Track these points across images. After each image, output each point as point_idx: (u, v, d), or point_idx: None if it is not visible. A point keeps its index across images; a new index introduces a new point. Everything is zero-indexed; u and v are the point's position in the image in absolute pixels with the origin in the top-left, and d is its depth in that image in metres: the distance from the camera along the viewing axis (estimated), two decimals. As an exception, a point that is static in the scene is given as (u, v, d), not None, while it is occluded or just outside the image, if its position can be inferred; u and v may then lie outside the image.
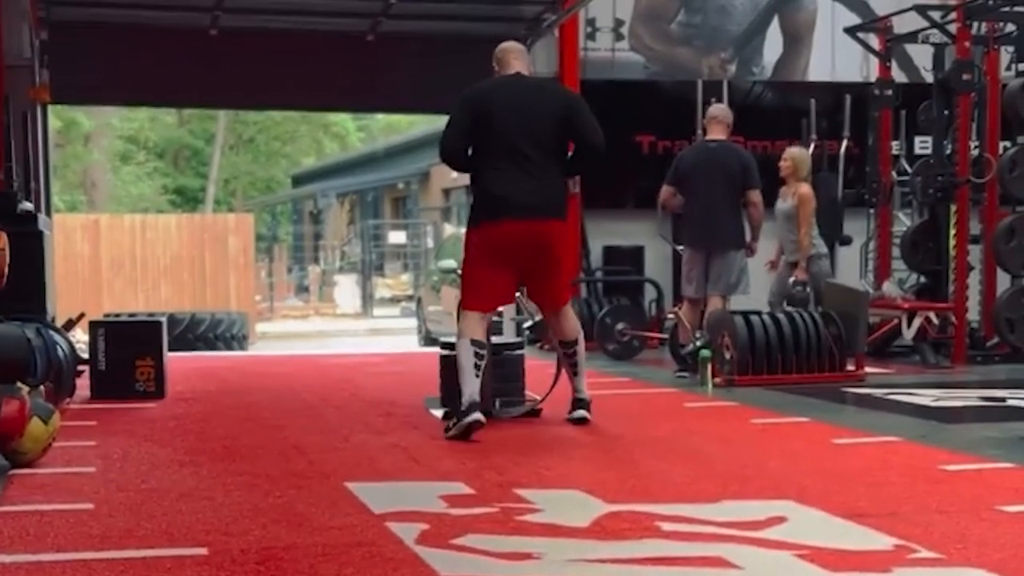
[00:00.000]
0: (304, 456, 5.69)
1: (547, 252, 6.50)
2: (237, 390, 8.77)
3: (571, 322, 6.78)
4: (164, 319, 9.18)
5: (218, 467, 5.38)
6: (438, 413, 6.90)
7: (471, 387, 6.26)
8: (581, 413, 6.65)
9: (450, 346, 7.31)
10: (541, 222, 6.41)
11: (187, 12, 11.03)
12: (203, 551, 3.84)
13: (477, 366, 6.35)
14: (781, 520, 4.24)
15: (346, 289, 30.53)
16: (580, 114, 6.55)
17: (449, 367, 6.94)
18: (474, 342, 6.40)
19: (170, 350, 8.53)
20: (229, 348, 16.79)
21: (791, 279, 9.56)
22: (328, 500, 4.61)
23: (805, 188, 9.74)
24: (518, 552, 3.81)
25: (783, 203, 9.85)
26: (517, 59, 6.66)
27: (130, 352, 7.95)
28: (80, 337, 10.57)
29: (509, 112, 6.39)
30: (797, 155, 9.99)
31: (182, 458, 5.65)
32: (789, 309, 9.26)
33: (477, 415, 6.09)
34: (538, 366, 8.00)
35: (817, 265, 9.81)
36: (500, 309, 7.46)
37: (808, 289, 9.62)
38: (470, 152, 6.53)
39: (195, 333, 16.76)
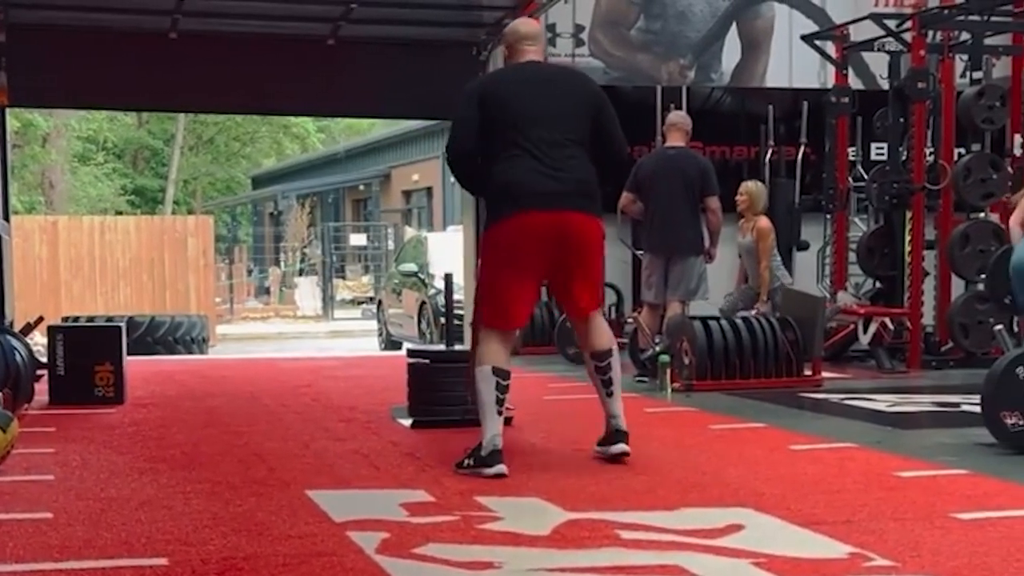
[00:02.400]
0: (264, 463, 5.70)
1: (576, 248, 5.50)
2: (197, 395, 8.75)
3: (602, 331, 5.67)
4: (123, 323, 9.15)
5: (178, 475, 5.38)
6: (406, 423, 6.87)
7: (493, 428, 5.25)
8: (621, 447, 5.56)
9: (418, 354, 7.31)
10: (568, 213, 5.43)
11: (146, 15, 10.97)
12: (163, 561, 3.84)
13: (500, 400, 5.31)
14: (739, 528, 4.29)
15: (306, 291, 30.45)
16: (606, 111, 5.70)
17: (417, 376, 6.91)
18: (497, 371, 5.33)
19: (129, 354, 8.51)
20: (189, 351, 16.72)
21: (752, 311, 9.61)
22: (288, 508, 4.62)
23: (764, 222, 9.84)
24: (479, 561, 3.84)
25: (742, 239, 9.99)
26: (532, 47, 5.75)
27: (89, 357, 7.93)
28: (39, 340, 10.52)
29: (524, 95, 5.51)
30: (753, 189, 10.08)
31: (142, 465, 5.64)
32: (745, 314, 9.34)
33: (501, 468, 5.18)
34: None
35: (779, 297, 9.88)
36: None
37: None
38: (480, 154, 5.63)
39: (155, 336, 16.67)
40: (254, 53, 11.32)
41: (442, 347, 7.18)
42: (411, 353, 7.28)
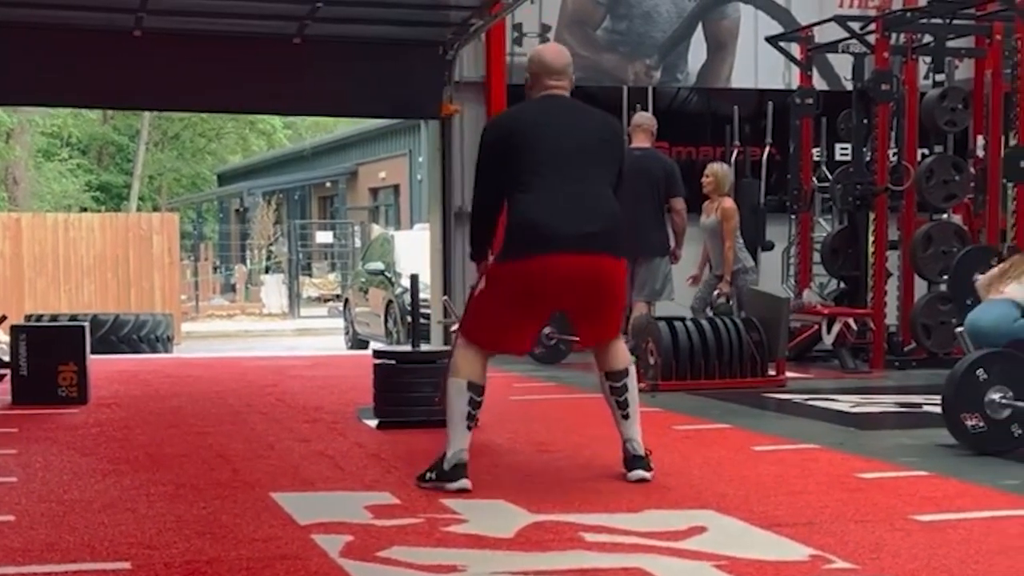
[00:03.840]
0: (229, 465, 5.68)
1: (603, 293, 5.17)
2: (161, 395, 8.72)
3: (618, 351, 5.34)
4: (87, 321, 9.09)
5: (142, 477, 5.36)
6: (372, 423, 6.87)
7: (459, 443, 5.06)
8: (638, 475, 5.20)
9: (385, 355, 7.25)
10: (598, 257, 5.06)
11: (110, 13, 10.89)
12: (126, 565, 3.84)
13: (471, 416, 5.11)
14: (702, 530, 4.32)
15: (272, 289, 30.33)
16: (624, 164, 5.40)
17: (384, 376, 6.89)
18: (472, 386, 5.12)
19: (93, 353, 8.46)
20: (154, 350, 16.63)
21: (715, 292, 9.68)
22: (253, 511, 4.62)
23: (728, 203, 9.89)
24: (442, 564, 3.85)
25: (707, 218, 10.01)
26: (558, 82, 5.29)
27: (52, 357, 7.89)
28: (2, 339, 10.45)
29: (546, 126, 5.14)
30: (718, 170, 10.15)
31: (105, 467, 5.62)
32: (712, 315, 9.39)
33: (464, 482, 5.00)
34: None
35: (742, 279, 9.94)
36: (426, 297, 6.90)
37: (732, 302, 9.76)
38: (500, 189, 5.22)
39: (119, 335, 16.57)
40: (220, 51, 11.26)
41: (408, 348, 7.15)
42: (377, 354, 7.26)
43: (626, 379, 5.29)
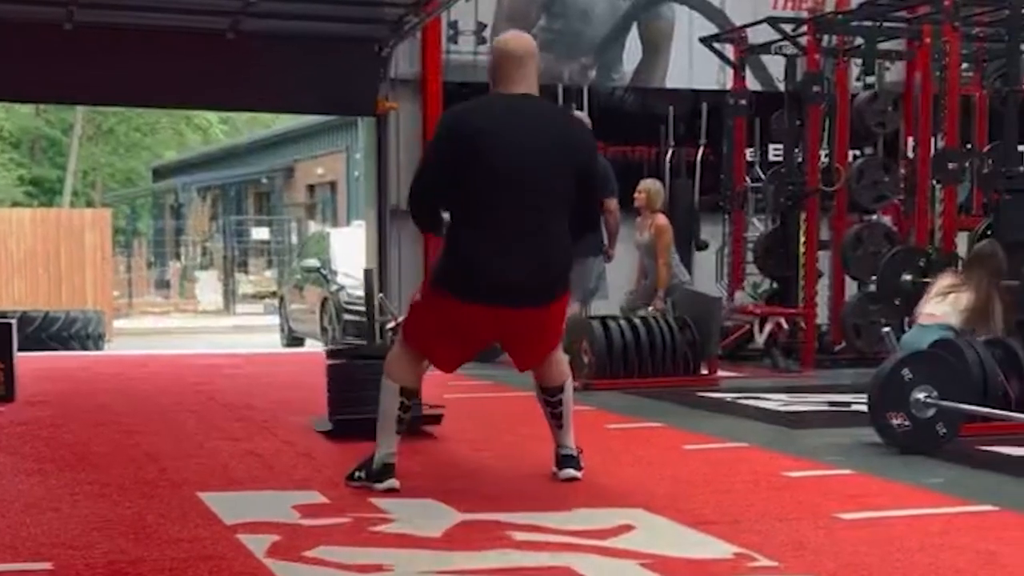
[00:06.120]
0: (156, 464, 5.63)
1: (542, 335, 5.11)
2: (90, 393, 8.62)
3: (553, 367, 5.25)
4: (15, 318, 8.97)
5: (67, 476, 5.30)
6: (327, 428, 6.66)
7: (387, 445, 5.01)
8: (568, 473, 5.21)
9: (337, 354, 6.80)
10: (527, 311, 4.94)
11: (40, 7, 10.76)
12: (47, 566, 3.79)
13: (401, 420, 5.03)
14: (629, 528, 4.34)
15: (208, 285, 30.09)
16: (594, 170, 5.21)
17: (337, 378, 6.52)
18: (404, 391, 5.04)
19: (21, 350, 8.35)
20: (84, 348, 16.45)
21: (650, 308, 9.69)
22: (178, 511, 4.58)
23: (661, 219, 9.89)
24: (369, 564, 3.84)
25: (640, 236, 9.99)
26: (521, 70, 5.01)
27: (-22, 354, 7.77)
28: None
29: (507, 146, 4.87)
30: (651, 187, 10.13)
31: (30, 466, 5.55)
32: (644, 314, 9.41)
33: (392, 482, 4.95)
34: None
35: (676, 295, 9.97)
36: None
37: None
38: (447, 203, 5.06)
39: (48, 332, 16.37)
40: (152, 46, 11.16)
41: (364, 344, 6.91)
42: (331, 354, 6.83)
43: (561, 395, 5.24)
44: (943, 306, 7.45)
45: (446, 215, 5.09)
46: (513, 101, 5.01)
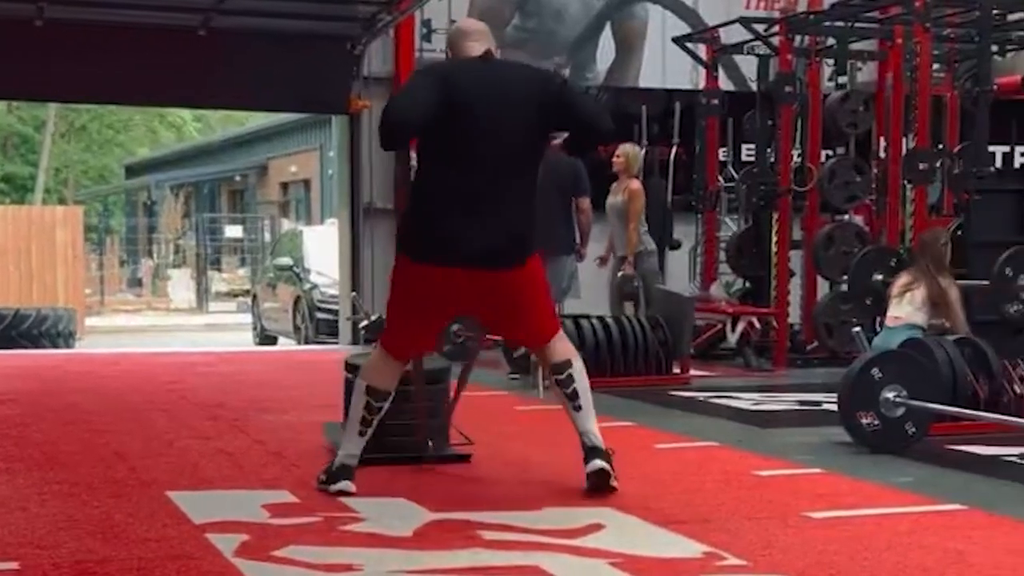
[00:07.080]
0: (125, 463, 5.61)
1: (512, 299, 4.98)
2: (60, 392, 8.57)
3: (560, 342, 5.14)
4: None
5: (35, 475, 5.27)
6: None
7: (350, 447, 4.96)
8: (596, 464, 4.93)
9: (355, 368, 5.50)
10: (503, 272, 4.88)
11: (11, 3, 10.70)
12: (14, 565, 3.77)
13: (366, 421, 4.96)
14: (599, 527, 4.34)
15: (180, 283, 29.96)
16: (569, 91, 5.14)
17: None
18: (371, 390, 4.97)
19: (-10, 349, 8.31)
20: (55, 346, 16.34)
21: (619, 273, 9.72)
22: (147, 510, 4.56)
23: (635, 184, 9.90)
24: (338, 564, 3.83)
25: (614, 199, 9.97)
26: (478, 40, 5.04)
27: (-54, 353, 7.72)
28: None
29: (480, 108, 4.81)
30: (630, 151, 10.16)
31: (-2, 466, 5.52)
32: (622, 316, 9.42)
33: (345, 484, 4.87)
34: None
35: (646, 262, 9.98)
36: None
37: (637, 284, 9.79)
38: (416, 153, 5.06)
39: (18, 330, 16.27)
40: (124, 42, 11.10)
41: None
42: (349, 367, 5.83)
43: (570, 369, 5.05)
44: (903, 306, 7.52)
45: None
46: (485, 62, 4.99)
